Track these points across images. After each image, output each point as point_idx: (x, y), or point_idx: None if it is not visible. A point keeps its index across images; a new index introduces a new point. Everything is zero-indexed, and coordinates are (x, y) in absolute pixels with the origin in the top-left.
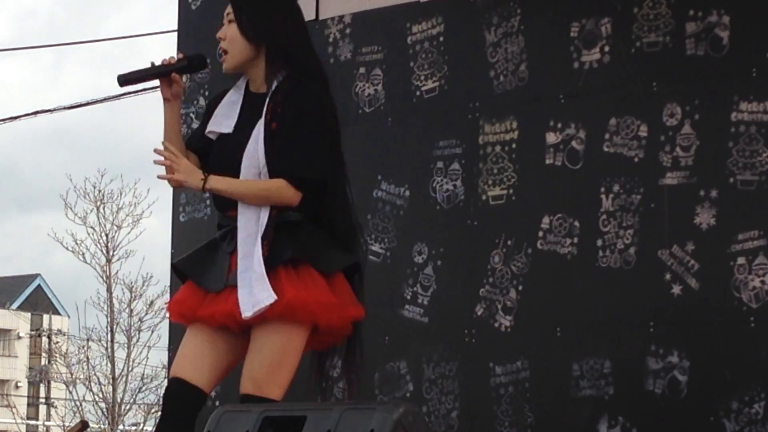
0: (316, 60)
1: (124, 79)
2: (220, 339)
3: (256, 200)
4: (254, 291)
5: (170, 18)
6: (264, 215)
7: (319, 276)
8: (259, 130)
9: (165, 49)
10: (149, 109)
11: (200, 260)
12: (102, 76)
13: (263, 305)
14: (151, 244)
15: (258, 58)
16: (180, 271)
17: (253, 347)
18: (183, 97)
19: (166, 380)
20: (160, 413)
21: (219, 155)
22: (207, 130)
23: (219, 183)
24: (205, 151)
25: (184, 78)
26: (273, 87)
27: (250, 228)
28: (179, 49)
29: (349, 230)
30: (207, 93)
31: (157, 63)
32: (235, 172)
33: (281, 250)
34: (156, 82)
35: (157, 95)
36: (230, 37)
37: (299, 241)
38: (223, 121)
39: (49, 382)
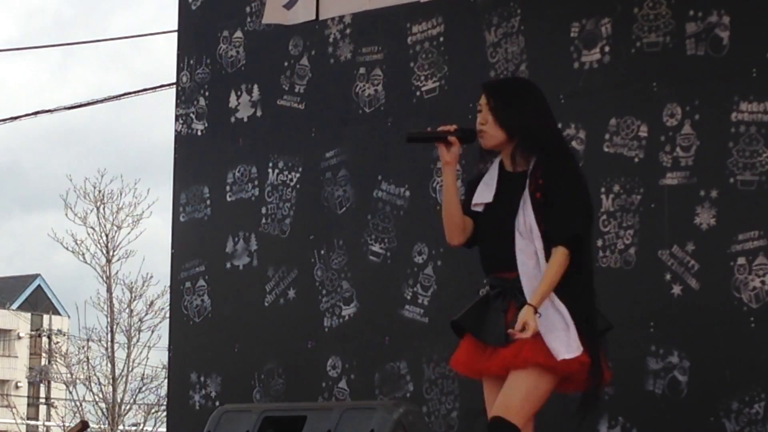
0: (561, 137)
1: (411, 137)
2: (502, 382)
3: (557, 281)
4: (570, 341)
5: (176, 17)
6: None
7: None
8: (525, 201)
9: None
10: (151, 108)
11: (478, 316)
12: (108, 75)
13: (575, 354)
14: (151, 244)
15: (512, 140)
16: (459, 325)
17: (512, 382)
18: (458, 160)
19: (166, 380)
20: None
21: (491, 224)
22: (473, 203)
23: (539, 297)
24: (473, 217)
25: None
26: (531, 165)
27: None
28: (179, 47)
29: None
30: (207, 93)
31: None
32: (508, 237)
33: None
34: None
35: (157, 95)
36: (489, 122)
37: (576, 305)
38: (485, 194)
39: (49, 383)
